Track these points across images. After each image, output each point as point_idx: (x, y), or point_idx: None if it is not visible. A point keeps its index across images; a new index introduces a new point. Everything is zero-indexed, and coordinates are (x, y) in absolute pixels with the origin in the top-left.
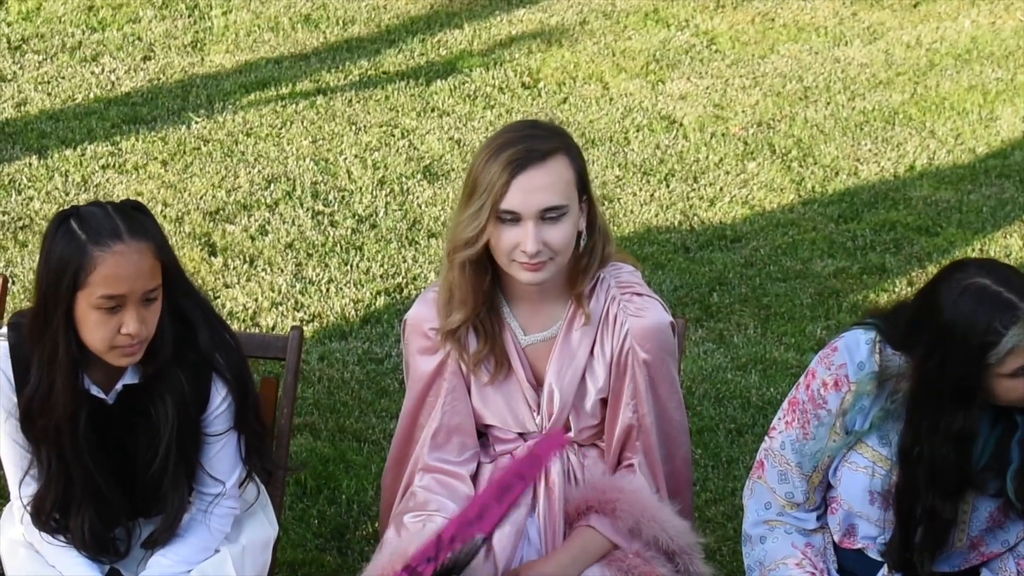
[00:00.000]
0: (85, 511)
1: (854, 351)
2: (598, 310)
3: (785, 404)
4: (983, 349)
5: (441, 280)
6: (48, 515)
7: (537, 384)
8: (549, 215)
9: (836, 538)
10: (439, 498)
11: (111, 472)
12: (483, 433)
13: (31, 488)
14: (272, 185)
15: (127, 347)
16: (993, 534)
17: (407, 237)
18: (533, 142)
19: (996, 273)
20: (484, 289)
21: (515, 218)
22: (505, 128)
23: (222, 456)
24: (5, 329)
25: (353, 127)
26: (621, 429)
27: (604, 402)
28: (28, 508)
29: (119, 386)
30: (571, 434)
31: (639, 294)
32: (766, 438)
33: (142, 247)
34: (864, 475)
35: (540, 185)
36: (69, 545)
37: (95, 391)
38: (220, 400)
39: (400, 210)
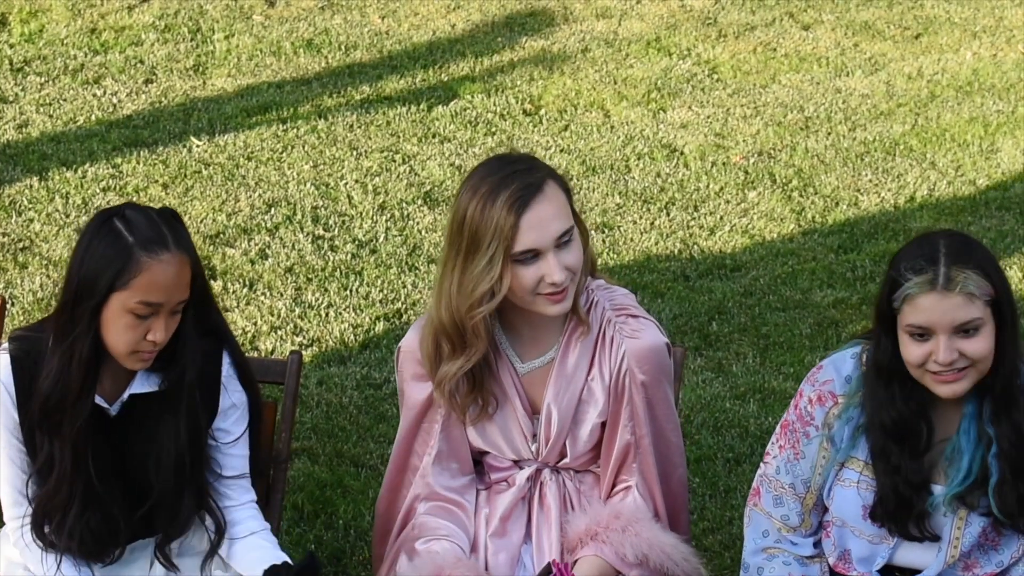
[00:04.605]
0: (86, 518)
1: (840, 366)
2: (594, 333)
3: (778, 428)
4: (891, 289)
5: (427, 331)
6: (51, 523)
7: (533, 412)
8: (563, 241)
9: (831, 562)
10: (446, 523)
11: (113, 483)
12: (478, 460)
13: (27, 507)
14: (272, 209)
15: (147, 352)
16: (987, 555)
17: (407, 263)
18: (524, 176)
19: (953, 236)
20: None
21: (534, 255)
22: (481, 171)
23: (237, 461)
24: (6, 343)
25: (354, 152)
26: (619, 450)
27: (602, 426)
28: (27, 519)
29: (125, 395)
30: (567, 459)
31: (634, 316)
32: (761, 464)
33: (184, 259)
34: (857, 489)
35: (548, 216)
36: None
37: (98, 400)
38: (236, 415)
39: (400, 235)
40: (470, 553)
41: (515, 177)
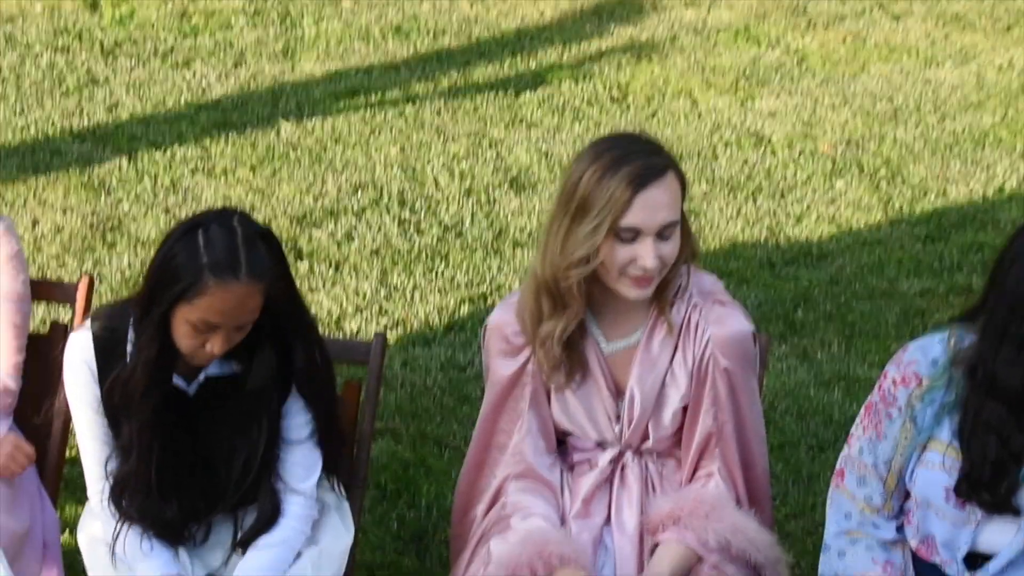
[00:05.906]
0: (163, 498)
1: (927, 349)
2: (680, 318)
3: (862, 410)
4: None
5: (528, 291)
6: (130, 501)
7: (617, 393)
8: (666, 231)
9: (913, 545)
10: (538, 502)
11: (191, 462)
12: (561, 441)
13: (109, 483)
14: (359, 192)
15: (205, 359)
16: None
17: (492, 247)
18: (649, 158)
19: None
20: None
21: (634, 234)
22: (607, 143)
23: (301, 461)
24: (89, 321)
25: (441, 136)
26: (701, 437)
27: (684, 411)
28: (106, 495)
29: (201, 377)
30: (650, 442)
31: (721, 302)
32: (845, 446)
33: (253, 289)
34: (940, 472)
35: (662, 202)
36: (147, 542)
37: (176, 380)
38: (300, 412)
39: (486, 220)
40: None
41: (640, 156)
